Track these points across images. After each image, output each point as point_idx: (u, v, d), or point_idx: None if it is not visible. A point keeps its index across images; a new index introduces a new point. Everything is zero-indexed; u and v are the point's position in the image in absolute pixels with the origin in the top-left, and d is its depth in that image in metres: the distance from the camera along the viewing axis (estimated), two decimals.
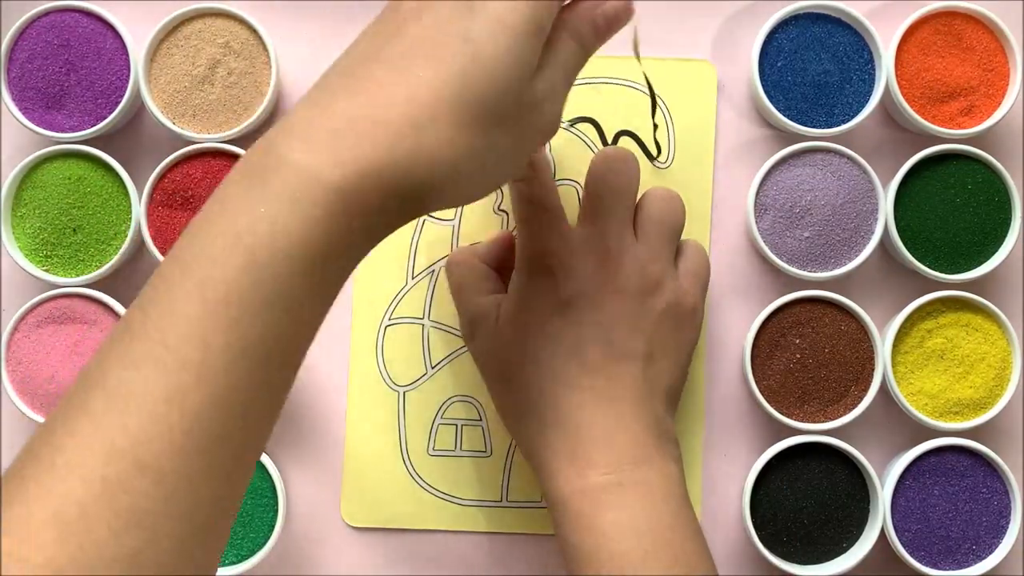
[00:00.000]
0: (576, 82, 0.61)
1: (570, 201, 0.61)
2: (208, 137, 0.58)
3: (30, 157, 0.58)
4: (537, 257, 0.54)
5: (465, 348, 0.60)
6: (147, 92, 0.58)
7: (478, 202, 0.61)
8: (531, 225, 0.54)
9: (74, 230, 0.58)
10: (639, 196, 0.56)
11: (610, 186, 0.55)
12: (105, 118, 0.58)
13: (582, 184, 0.59)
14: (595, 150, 0.61)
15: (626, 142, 0.61)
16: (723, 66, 0.62)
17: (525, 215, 0.55)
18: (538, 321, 0.54)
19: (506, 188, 0.61)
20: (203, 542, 0.39)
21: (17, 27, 0.58)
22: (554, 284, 0.54)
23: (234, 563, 0.58)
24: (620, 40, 0.61)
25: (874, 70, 0.60)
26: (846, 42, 0.59)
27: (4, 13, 0.60)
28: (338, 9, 0.61)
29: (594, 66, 0.61)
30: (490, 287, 0.57)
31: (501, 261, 0.58)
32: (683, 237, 0.58)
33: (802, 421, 0.58)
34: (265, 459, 0.58)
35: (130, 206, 0.58)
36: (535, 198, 0.55)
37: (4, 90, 0.58)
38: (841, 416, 0.58)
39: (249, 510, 0.58)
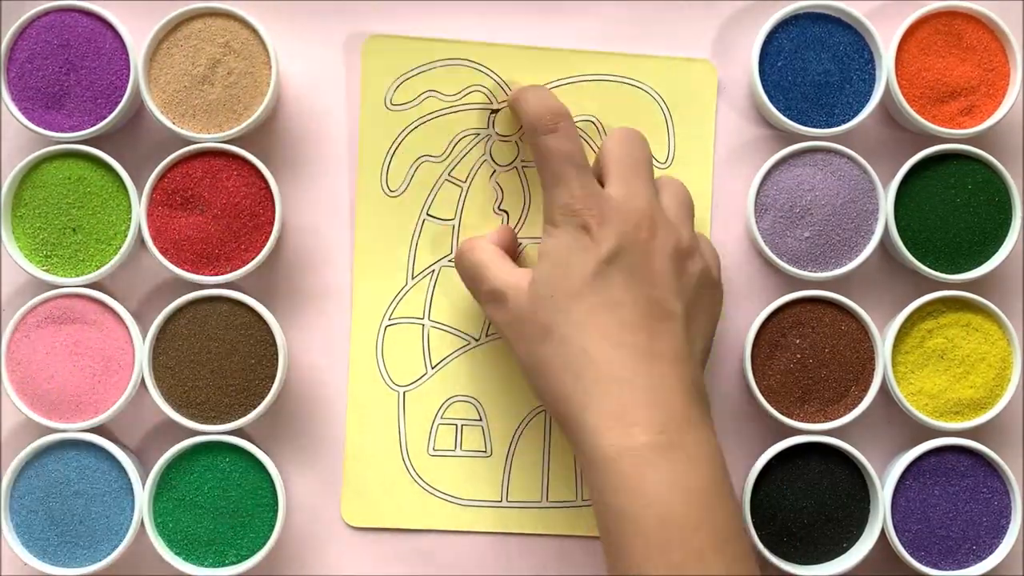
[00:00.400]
0: (577, 80, 0.62)
1: None
2: (208, 137, 0.58)
3: (30, 157, 0.58)
4: (572, 214, 0.53)
5: (465, 348, 0.60)
6: (147, 92, 0.58)
7: (478, 201, 0.61)
8: (566, 180, 0.54)
9: (74, 230, 0.58)
10: None
11: (635, 152, 0.55)
12: (105, 118, 0.58)
13: None
14: (596, 149, 0.61)
15: None
16: (723, 66, 0.62)
17: (558, 170, 0.54)
18: (577, 276, 0.53)
19: (505, 185, 0.61)
20: None
21: (17, 27, 0.58)
22: (590, 241, 0.53)
23: (234, 563, 0.57)
24: (620, 37, 0.62)
25: (874, 70, 0.60)
26: (846, 42, 0.60)
27: (4, 13, 0.60)
28: (338, 9, 0.61)
29: (595, 64, 0.61)
30: (509, 264, 0.56)
31: (506, 250, 0.58)
32: None
33: (802, 421, 0.58)
34: (265, 459, 0.58)
35: (130, 206, 0.58)
36: (567, 153, 0.54)
37: (4, 90, 0.58)
38: (841, 416, 0.58)
39: (249, 510, 0.58)
